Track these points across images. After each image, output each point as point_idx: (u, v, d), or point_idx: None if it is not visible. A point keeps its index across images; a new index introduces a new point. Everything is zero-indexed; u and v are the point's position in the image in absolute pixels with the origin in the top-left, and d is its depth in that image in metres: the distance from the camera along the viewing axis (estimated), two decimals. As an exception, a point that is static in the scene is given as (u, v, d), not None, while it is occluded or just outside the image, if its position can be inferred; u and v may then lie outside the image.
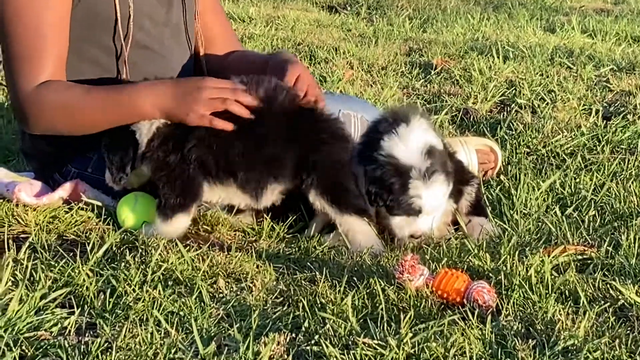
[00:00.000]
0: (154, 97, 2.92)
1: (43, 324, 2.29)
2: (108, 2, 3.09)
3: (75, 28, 3.07)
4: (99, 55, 3.12)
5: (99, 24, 3.10)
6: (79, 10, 3.06)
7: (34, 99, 2.98)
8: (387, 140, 2.91)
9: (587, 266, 2.73)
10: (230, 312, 2.40)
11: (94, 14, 3.09)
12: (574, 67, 5.41)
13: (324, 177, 2.90)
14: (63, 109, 2.99)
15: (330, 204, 2.90)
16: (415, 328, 2.27)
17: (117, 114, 2.96)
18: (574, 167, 3.72)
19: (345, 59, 5.60)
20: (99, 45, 3.11)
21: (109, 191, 3.12)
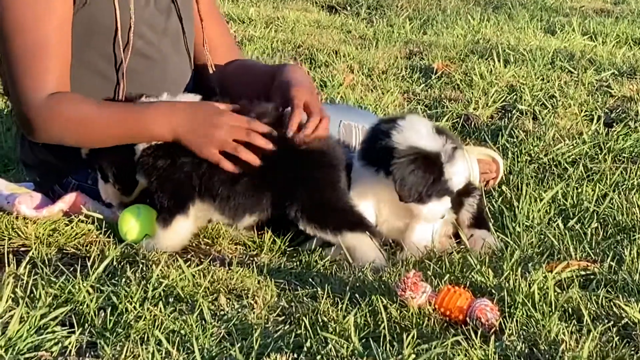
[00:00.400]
0: (170, 126, 2.91)
1: (43, 344, 2.28)
2: (109, 10, 3.07)
3: (75, 36, 3.05)
4: (99, 63, 3.10)
5: (100, 32, 3.08)
6: (79, 18, 3.05)
7: (45, 111, 2.95)
8: (398, 135, 2.89)
9: (590, 282, 2.72)
10: (232, 331, 2.39)
11: (95, 21, 3.07)
12: (575, 71, 5.40)
13: (308, 205, 2.88)
14: (76, 123, 2.97)
15: (320, 229, 2.89)
16: (418, 348, 2.26)
17: (131, 135, 2.95)
18: (576, 176, 3.71)
19: (345, 63, 5.58)
20: (99, 53, 3.10)
21: (109, 203, 3.11)
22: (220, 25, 3.48)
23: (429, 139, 2.88)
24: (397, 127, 2.90)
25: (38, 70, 2.96)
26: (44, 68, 2.97)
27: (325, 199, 2.90)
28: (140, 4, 3.13)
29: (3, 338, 2.24)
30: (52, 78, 2.98)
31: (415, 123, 2.93)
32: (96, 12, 3.06)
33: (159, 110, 2.94)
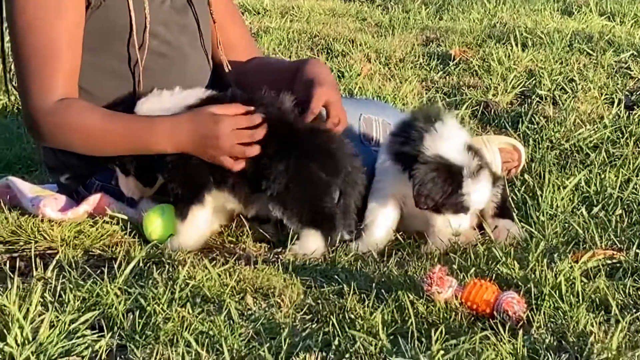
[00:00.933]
0: (172, 142, 2.93)
1: (74, 348, 2.29)
2: (123, 11, 3.08)
3: (91, 38, 3.06)
4: (115, 65, 3.11)
5: (115, 34, 3.09)
6: (94, 20, 3.05)
7: (53, 117, 2.98)
8: (430, 140, 2.90)
9: (617, 271, 2.71)
10: (260, 331, 2.40)
11: (110, 23, 3.08)
12: (593, 53, 5.37)
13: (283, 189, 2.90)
14: (82, 133, 2.99)
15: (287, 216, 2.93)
16: (447, 344, 2.26)
17: (135, 147, 2.98)
18: (599, 162, 3.70)
19: (362, 52, 5.57)
20: (115, 54, 3.11)
21: (133, 204, 3.12)
22: (238, 25, 3.48)
23: (457, 152, 2.90)
24: (432, 131, 2.91)
25: (46, 74, 2.98)
26: (52, 73, 2.98)
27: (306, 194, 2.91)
28: (156, 4, 3.14)
29: (34, 343, 2.25)
30: (61, 83, 2.99)
31: (452, 132, 2.93)
32: (111, 13, 3.07)
33: (161, 128, 2.95)
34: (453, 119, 2.99)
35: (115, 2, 3.07)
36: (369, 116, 3.35)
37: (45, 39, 2.98)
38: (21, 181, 3.26)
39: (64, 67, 3.00)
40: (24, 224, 3.05)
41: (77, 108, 3.00)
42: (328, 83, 3.06)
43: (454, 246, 2.93)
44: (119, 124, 2.99)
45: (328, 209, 2.92)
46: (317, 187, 2.92)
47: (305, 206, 2.91)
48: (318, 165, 2.91)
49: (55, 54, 2.99)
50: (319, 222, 2.91)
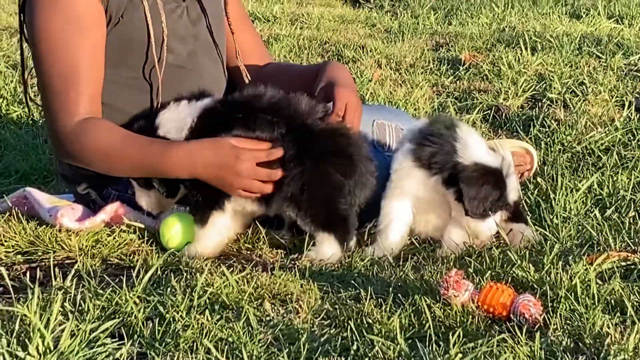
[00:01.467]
0: (190, 170, 2.95)
1: (95, 357, 2.31)
2: (141, 26, 3.11)
3: (110, 53, 3.10)
4: (134, 78, 3.14)
5: (133, 48, 3.12)
6: (113, 36, 3.09)
7: (75, 137, 3.02)
8: (462, 148, 2.94)
9: (631, 272, 2.73)
10: (279, 336, 2.42)
11: (129, 38, 3.11)
12: (603, 56, 5.39)
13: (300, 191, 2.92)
14: (101, 154, 3.04)
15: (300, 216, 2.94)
16: (465, 347, 2.28)
17: (149, 171, 3.02)
18: (611, 164, 3.72)
19: (372, 58, 5.60)
20: (134, 68, 3.14)
21: (149, 212, 3.15)
22: (250, 31, 3.51)
23: (490, 155, 2.97)
24: (458, 139, 2.95)
25: (69, 96, 3.01)
26: (75, 94, 3.02)
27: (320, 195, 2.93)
28: (173, 18, 3.16)
29: (55, 353, 2.27)
30: (83, 104, 3.03)
31: (474, 138, 2.99)
32: (129, 28, 3.10)
33: (177, 155, 2.96)
34: (467, 125, 3.02)
35: (133, 18, 3.10)
36: (382, 122, 3.37)
37: (68, 60, 3.01)
38: (38, 192, 3.28)
39: (87, 87, 3.04)
40: (41, 234, 3.07)
41: (99, 129, 3.04)
42: (349, 86, 3.09)
43: (469, 250, 2.95)
44: (136, 148, 3.01)
45: (342, 210, 2.94)
46: (331, 188, 2.93)
47: (319, 207, 2.93)
48: (334, 167, 2.93)
49: (78, 75, 3.02)
50: (333, 225, 2.93)
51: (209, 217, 2.99)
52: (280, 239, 3.08)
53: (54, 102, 3.03)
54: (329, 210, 2.94)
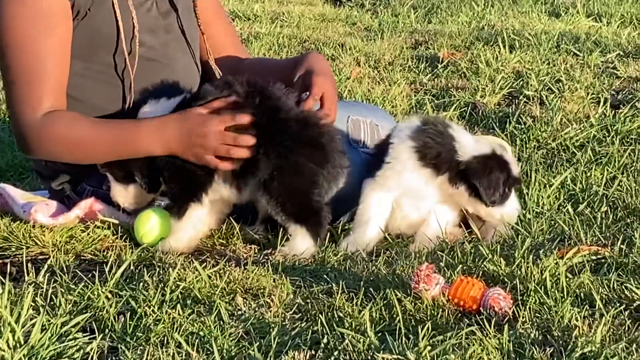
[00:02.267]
0: (162, 141, 2.97)
1: (66, 351, 2.31)
2: (110, 19, 3.10)
3: (78, 48, 3.09)
4: (106, 73, 3.14)
5: (102, 42, 3.12)
6: (81, 30, 3.08)
7: (41, 130, 3.01)
8: (458, 146, 2.99)
9: (601, 266, 2.75)
10: (250, 330, 2.43)
11: (97, 32, 3.10)
12: (580, 53, 5.42)
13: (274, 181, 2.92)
14: (71, 144, 3.04)
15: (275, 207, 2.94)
16: (434, 340, 2.29)
17: (125, 152, 3.01)
18: (584, 160, 3.74)
19: (351, 55, 5.61)
20: (105, 63, 3.13)
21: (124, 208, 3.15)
22: (224, 24, 3.51)
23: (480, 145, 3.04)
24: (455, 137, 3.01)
25: (34, 90, 3.01)
26: (39, 88, 3.01)
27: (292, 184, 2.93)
28: (142, 11, 3.17)
29: (26, 347, 2.27)
30: (47, 98, 3.02)
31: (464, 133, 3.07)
32: (98, 23, 3.10)
33: (148, 129, 2.99)
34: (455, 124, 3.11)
35: (100, 11, 3.09)
36: (356, 118, 3.38)
37: (33, 54, 3.01)
38: (12, 188, 3.29)
39: (51, 81, 3.03)
40: (15, 230, 3.07)
41: (64, 120, 3.04)
42: (328, 75, 3.10)
43: (441, 245, 2.97)
44: (106, 131, 3.02)
45: (315, 202, 2.94)
46: (304, 177, 2.93)
47: (291, 196, 2.93)
48: (306, 155, 2.93)
49: (43, 69, 3.01)
50: (305, 218, 2.93)
51: (186, 209, 3.00)
52: (254, 235, 3.09)
53: (18, 96, 3.02)
54: (302, 201, 2.93)
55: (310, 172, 2.93)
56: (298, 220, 2.93)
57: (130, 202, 3.12)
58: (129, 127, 3.02)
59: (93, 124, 3.05)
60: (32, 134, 3.03)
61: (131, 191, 3.10)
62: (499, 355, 2.24)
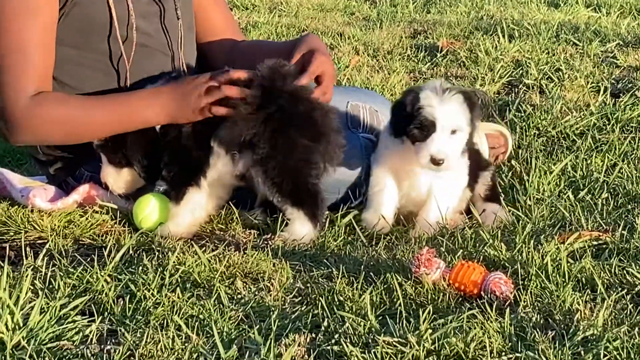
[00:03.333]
0: (158, 107, 2.96)
1: (65, 333, 2.30)
2: (102, 6, 3.08)
3: (72, 35, 3.07)
4: (100, 61, 3.11)
5: (96, 29, 3.09)
6: (73, 18, 3.06)
7: (31, 112, 2.98)
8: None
9: (603, 252, 2.74)
10: (250, 314, 2.42)
11: (90, 19, 3.07)
12: (580, 43, 5.40)
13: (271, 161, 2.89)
14: (61, 123, 3.00)
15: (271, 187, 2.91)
16: (435, 323, 2.28)
17: (120, 125, 2.99)
18: (585, 148, 3.73)
19: (350, 45, 5.59)
20: (99, 50, 3.10)
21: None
22: (222, 9, 3.49)
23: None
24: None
25: (19, 73, 2.98)
26: (25, 72, 2.98)
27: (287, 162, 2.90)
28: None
29: (25, 329, 2.26)
30: (33, 82, 2.99)
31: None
32: (88, 9, 3.07)
33: (143, 97, 2.99)
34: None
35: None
36: (356, 103, 3.37)
37: (18, 39, 2.98)
38: (10, 172, 3.27)
39: (35, 66, 3.00)
40: (13, 215, 3.06)
41: (52, 99, 3.01)
42: (327, 56, 3.08)
43: (442, 230, 2.96)
44: (98, 106, 3.00)
45: (311, 184, 2.92)
46: (298, 154, 2.90)
47: (286, 175, 2.90)
48: (299, 131, 2.90)
49: (27, 52, 2.98)
50: (301, 199, 2.91)
51: (184, 193, 2.98)
52: (253, 220, 3.08)
53: (4, 80, 2.99)
54: (298, 181, 2.91)
55: (304, 148, 2.90)
56: (295, 203, 2.90)
57: (120, 185, 3.09)
58: (122, 99, 3.01)
59: (83, 101, 3.03)
60: (21, 117, 2.99)
61: (123, 175, 3.07)
62: (500, 339, 2.23)
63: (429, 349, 2.18)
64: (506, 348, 2.20)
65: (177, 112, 2.94)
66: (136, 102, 2.98)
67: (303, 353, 2.21)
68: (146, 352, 2.21)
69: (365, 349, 2.20)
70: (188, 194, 2.97)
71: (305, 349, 2.23)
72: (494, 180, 3.18)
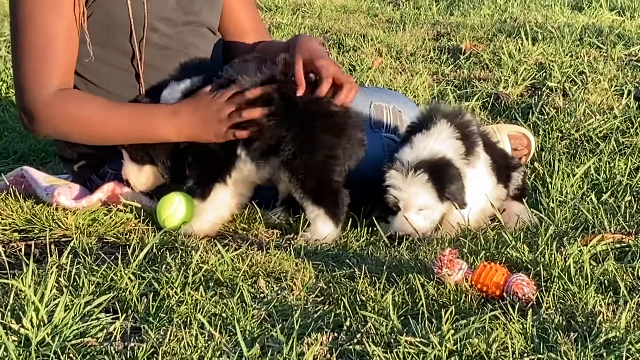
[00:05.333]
0: (175, 127, 3.01)
1: (89, 330, 2.32)
2: (122, 6, 3.11)
3: (96, 33, 3.10)
4: (119, 59, 3.15)
5: (116, 28, 3.12)
6: (97, 15, 3.09)
7: (50, 107, 3.02)
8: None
9: (626, 254, 2.73)
10: (272, 313, 2.42)
11: (110, 18, 3.11)
12: (603, 46, 5.38)
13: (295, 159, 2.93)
14: (81, 123, 3.05)
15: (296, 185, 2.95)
16: (457, 324, 2.28)
17: (137, 137, 3.05)
18: (608, 151, 3.72)
19: (373, 46, 5.60)
20: (118, 48, 3.14)
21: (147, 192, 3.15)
22: (251, 9, 3.51)
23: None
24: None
25: (44, 67, 3.02)
26: (49, 66, 3.02)
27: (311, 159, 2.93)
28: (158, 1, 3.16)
29: (49, 326, 2.28)
30: (57, 77, 3.03)
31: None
32: (112, 9, 3.10)
33: (165, 116, 3.02)
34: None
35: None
36: (379, 103, 3.38)
37: (44, 33, 3.02)
38: (35, 170, 3.29)
39: (60, 61, 3.04)
40: (38, 213, 3.08)
41: (76, 98, 3.05)
42: (325, 56, 3.08)
43: (464, 232, 2.96)
44: (119, 114, 3.04)
45: (334, 181, 2.94)
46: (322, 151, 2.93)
47: (311, 172, 2.93)
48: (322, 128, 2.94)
49: (53, 47, 3.02)
50: (323, 197, 2.93)
51: (211, 190, 3.01)
52: (275, 219, 3.09)
53: (27, 73, 3.02)
54: (322, 177, 2.93)
55: (328, 144, 2.93)
56: (316, 201, 2.93)
57: (141, 182, 3.12)
58: (143, 112, 3.04)
59: (105, 106, 3.06)
60: (39, 110, 3.03)
61: (145, 172, 3.10)
62: (523, 340, 2.23)
63: (451, 349, 2.18)
64: (528, 349, 2.20)
65: (199, 134, 3.00)
66: (157, 118, 3.02)
67: (325, 352, 2.22)
68: (169, 350, 2.22)
69: (387, 349, 2.20)
70: (214, 191, 3.00)
71: (327, 348, 2.23)
72: (524, 181, 3.20)
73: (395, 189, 2.93)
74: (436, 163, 2.93)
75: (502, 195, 3.13)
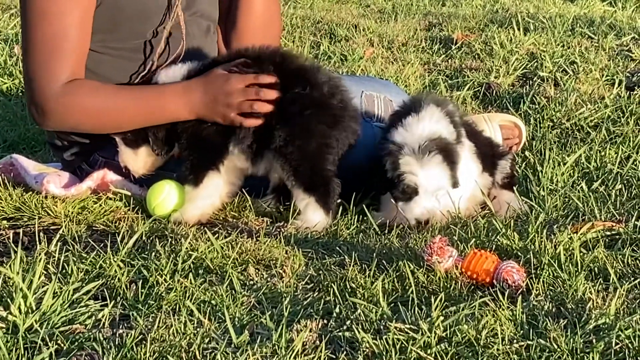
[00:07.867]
0: (188, 105, 2.99)
1: (77, 317, 2.31)
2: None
3: (102, 24, 3.09)
4: (123, 49, 3.14)
5: (125, 19, 3.11)
6: (105, 7, 3.08)
7: (60, 99, 3.01)
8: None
9: (616, 242, 2.73)
10: (262, 300, 2.42)
11: (119, 10, 3.10)
12: (595, 36, 5.38)
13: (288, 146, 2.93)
14: (94, 112, 3.05)
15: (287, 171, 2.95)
16: (446, 311, 2.28)
17: (150, 118, 3.03)
18: (599, 140, 3.72)
19: (365, 36, 5.59)
20: (125, 39, 3.13)
21: (137, 180, 3.14)
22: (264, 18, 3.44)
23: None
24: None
25: (56, 59, 3.01)
26: (61, 59, 3.02)
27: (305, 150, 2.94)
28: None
29: (38, 312, 2.27)
30: (68, 68, 3.03)
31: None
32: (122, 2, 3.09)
33: (173, 93, 3.00)
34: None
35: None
36: (370, 93, 3.37)
37: (58, 25, 3.01)
38: (25, 158, 3.28)
39: (72, 54, 3.04)
40: (27, 201, 3.07)
41: (86, 88, 3.04)
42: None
43: (454, 219, 2.95)
44: (130, 99, 3.03)
45: (327, 170, 2.94)
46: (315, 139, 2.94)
47: (304, 160, 2.93)
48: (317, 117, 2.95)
49: (66, 39, 3.02)
50: (314, 185, 2.93)
51: (203, 176, 3.00)
52: (266, 207, 3.08)
53: (39, 65, 3.01)
54: (315, 166, 2.94)
55: (322, 133, 2.93)
56: (307, 189, 2.93)
57: (140, 166, 3.11)
58: (153, 93, 3.03)
59: (116, 92, 3.05)
60: (50, 103, 3.02)
61: (141, 155, 3.09)
62: (512, 327, 2.23)
63: (441, 336, 2.18)
64: (518, 336, 2.20)
65: (205, 113, 2.99)
66: (169, 97, 3.01)
67: (315, 339, 2.22)
68: (158, 337, 2.22)
69: (377, 336, 2.20)
70: (207, 178, 2.99)
71: (316, 334, 2.23)
72: (512, 168, 3.19)
73: (413, 174, 2.89)
74: (441, 143, 2.92)
75: (488, 183, 3.11)
